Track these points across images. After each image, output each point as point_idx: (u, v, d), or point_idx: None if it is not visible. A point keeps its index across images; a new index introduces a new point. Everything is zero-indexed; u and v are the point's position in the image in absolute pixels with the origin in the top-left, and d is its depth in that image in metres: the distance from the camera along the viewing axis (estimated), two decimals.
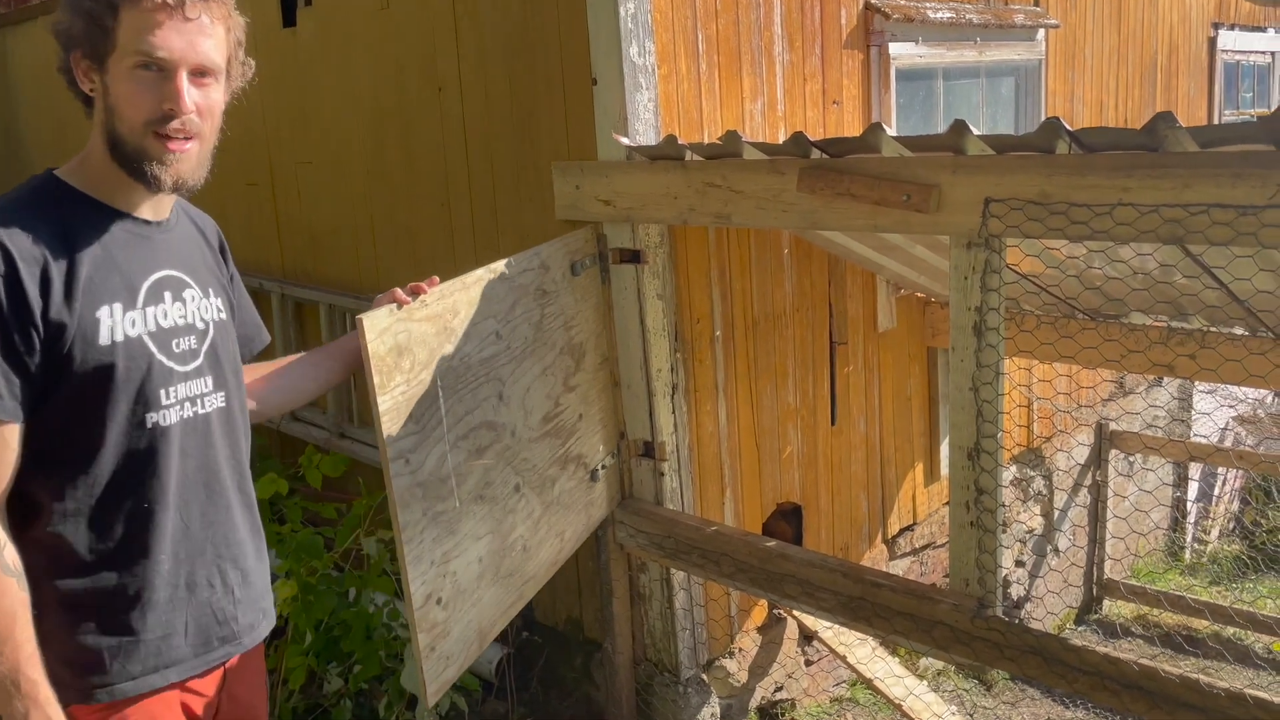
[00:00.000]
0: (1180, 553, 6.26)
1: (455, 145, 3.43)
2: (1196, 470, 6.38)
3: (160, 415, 1.57)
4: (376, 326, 2.00)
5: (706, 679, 3.35)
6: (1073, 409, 5.17)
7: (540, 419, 2.63)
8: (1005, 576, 4.90)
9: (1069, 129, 2.00)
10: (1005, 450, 4.72)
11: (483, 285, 2.38)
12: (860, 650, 3.61)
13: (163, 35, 1.47)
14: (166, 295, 1.60)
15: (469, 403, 2.32)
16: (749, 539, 2.81)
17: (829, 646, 3.63)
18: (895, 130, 3.34)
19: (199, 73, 1.53)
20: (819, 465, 3.73)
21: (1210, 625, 5.30)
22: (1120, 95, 5.25)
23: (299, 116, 4.14)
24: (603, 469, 2.97)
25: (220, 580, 1.68)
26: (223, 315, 1.72)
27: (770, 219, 2.51)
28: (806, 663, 3.84)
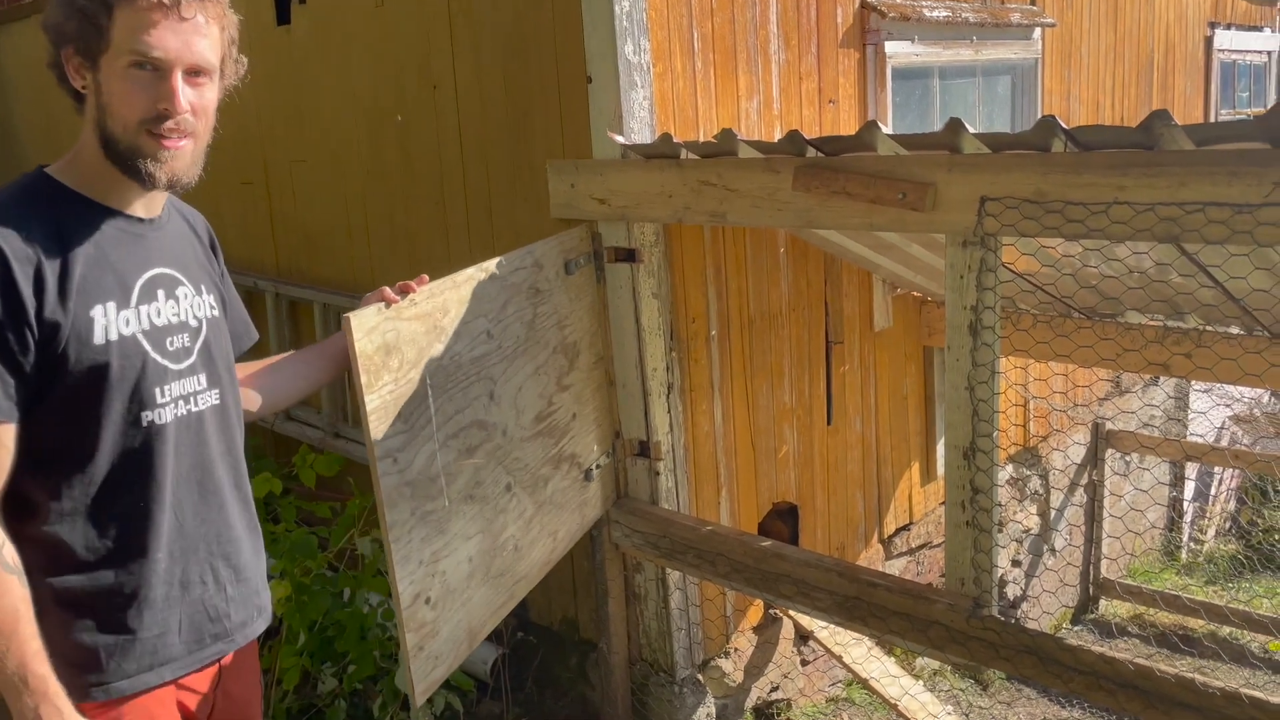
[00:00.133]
0: (1176, 552, 6.26)
1: (450, 144, 3.42)
2: (1193, 470, 6.38)
3: (155, 414, 1.57)
4: (364, 325, 1.99)
5: (702, 679, 3.34)
6: (1069, 408, 5.17)
7: (533, 418, 2.62)
8: (1001, 576, 4.90)
9: (1064, 127, 1.99)
10: (1001, 450, 4.71)
11: (474, 284, 2.37)
12: (856, 650, 3.60)
13: (158, 35, 1.47)
14: (160, 293, 1.60)
15: (459, 402, 2.31)
16: (744, 539, 2.80)
17: (825, 646, 3.63)
18: (891, 129, 3.34)
19: (193, 72, 1.52)
20: (815, 465, 3.72)
21: (1206, 625, 5.30)
22: (1117, 94, 5.25)
23: (293, 115, 4.13)
24: (597, 468, 2.96)
25: (213, 577, 1.68)
26: (215, 312, 1.72)
27: (765, 218, 2.50)
28: (802, 662, 3.84)
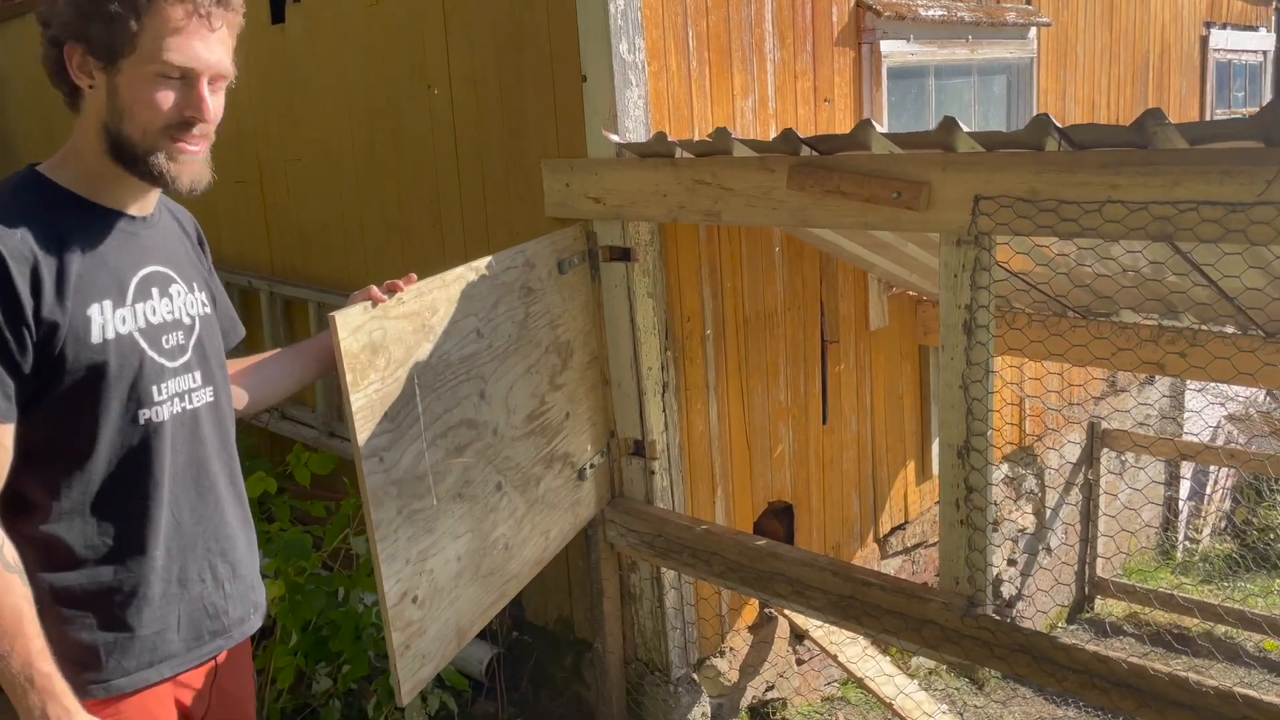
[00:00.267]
0: (1172, 551, 6.27)
1: (445, 143, 3.42)
2: (1188, 469, 6.39)
3: (153, 412, 1.57)
4: (350, 324, 1.99)
5: (697, 678, 3.34)
6: (1064, 407, 5.17)
7: (524, 417, 2.62)
8: (997, 575, 4.90)
9: (1058, 126, 1.99)
10: (996, 449, 4.72)
11: (463, 283, 2.36)
12: (851, 649, 3.60)
13: (191, 45, 1.49)
14: (154, 291, 1.61)
15: (448, 401, 2.31)
16: (740, 538, 2.80)
17: (820, 645, 3.63)
18: (886, 128, 3.34)
19: (214, 79, 1.55)
20: (810, 464, 3.72)
21: (1201, 624, 5.31)
22: (1112, 94, 5.25)
23: (288, 113, 4.12)
24: (591, 468, 2.96)
25: (210, 574, 1.69)
26: (207, 310, 1.73)
27: (760, 217, 2.50)
28: (798, 662, 3.84)
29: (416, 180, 3.58)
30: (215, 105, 1.56)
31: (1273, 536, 6.45)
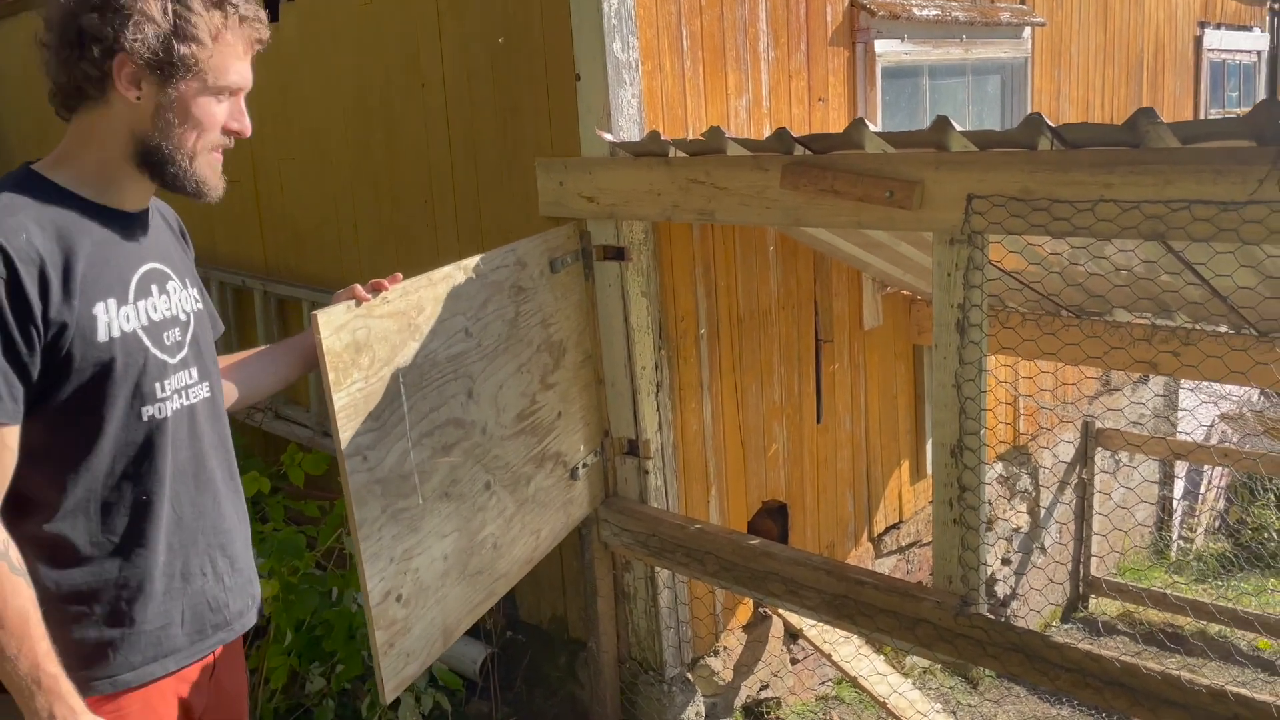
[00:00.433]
0: (1165, 550, 6.28)
1: (439, 142, 3.41)
2: (1182, 468, 6.40)
3: (156, 408, 1.59)
4: (332, 323, 1.98)
5: (691, 677, 3.34)
6: (1058, 407, 5.18)
7: (514, 417, 2.61)
8: (991, 574, 4.91)
9: (1051, 125, 1.99)
10: (990, 448, 4.73)
11: (450, 282, 2.36)
12: (845, 648, 3.60)
13: (246, 69, 1.62)
14: (153, 288, 1.62)
15: (434, 400, 2.30)
16: (733, 537, 2.80)
17: (814, 645, 3.63)
18: (880, 127, 3.34)
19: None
20: (804, 463, 3.72)
21: (1194, 623, 5.32)
22: (1106, 94, 5.26)
23: (281, 112, 4.11)
24: (584, 467, 2.95)
25: (211, 568, 1.70)
26: (199, 305, 1.74)
27: (754, 216, 2.50)
28: (792, 661, 3.84)
29: (410, 180, 3.57)
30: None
31: (1266, 536, 6.47)
